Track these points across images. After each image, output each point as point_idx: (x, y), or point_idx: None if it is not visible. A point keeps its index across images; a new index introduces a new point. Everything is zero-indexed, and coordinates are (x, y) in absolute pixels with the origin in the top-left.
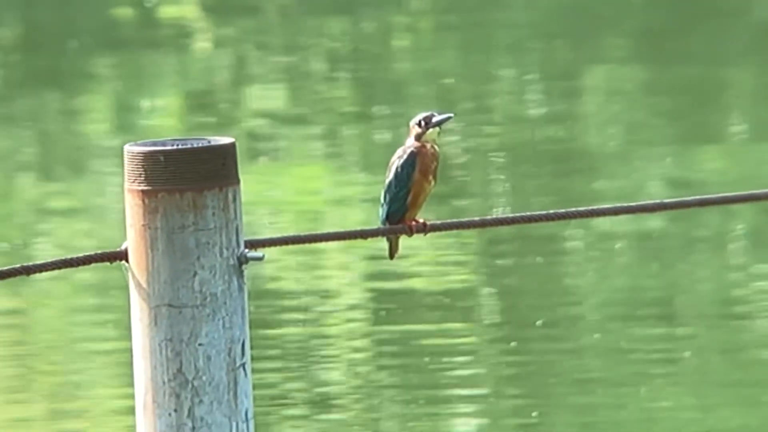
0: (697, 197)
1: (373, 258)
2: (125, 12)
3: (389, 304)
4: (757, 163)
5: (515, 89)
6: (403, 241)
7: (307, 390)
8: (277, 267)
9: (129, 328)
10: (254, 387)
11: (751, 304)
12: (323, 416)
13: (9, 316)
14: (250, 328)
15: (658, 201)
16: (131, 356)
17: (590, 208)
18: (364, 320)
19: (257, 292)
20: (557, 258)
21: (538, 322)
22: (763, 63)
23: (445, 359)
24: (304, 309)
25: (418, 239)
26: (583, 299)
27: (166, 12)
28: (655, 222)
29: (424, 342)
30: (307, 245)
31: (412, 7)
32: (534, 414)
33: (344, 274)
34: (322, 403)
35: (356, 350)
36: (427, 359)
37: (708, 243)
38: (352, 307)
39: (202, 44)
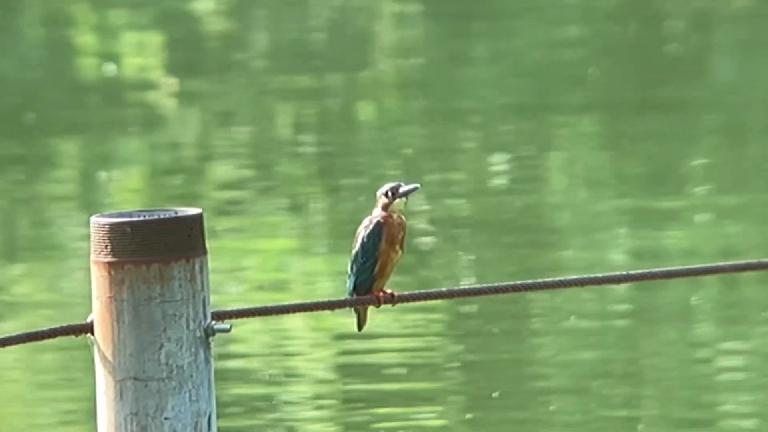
0: (663, 269)
1: (340, 329)
2: (86, 78)
3: (355, 377)
4: (721, 233)
5: (479, 161)
6: (371, 311)
7: None
8: (243, 338)
9: (94, 402)
10: None
11: (715, 377)
12: None
13: None
14: (216, 401)
15: (624, 272)
16: (96, 430)
17: (557, 279)
18: (329, 393)
19: (222, 364)
20: (522, 329)
21: (495, 394)
22: (724, 129)
23: (407, 428)
24: (269, 382)
25: (386, 310)
26: (545, 371)
27: (128, 77)
28: (619, 293)
29: (389, 414)
30: (273, 317)
31: (378, 72)
32: None
33: (311, 345)
34: None
35: (321, 424)
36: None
37: (672, 315)
38: (318, 380)
39: (164, 112)
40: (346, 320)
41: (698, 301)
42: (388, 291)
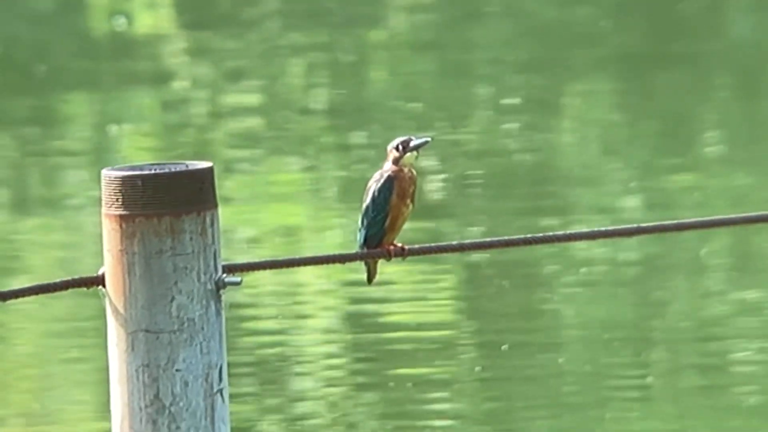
0: (674, 222)
1: (351, 282)
2: (97, 33)
3: (365, 329)
4: (733, 186)
5: (491, 113)
6: (381, 265)
7: (284, 416)
8: (254, 291)
9: (106, 354)
10: (231, 413)
11: (726, 328)
12: None
13: None
14: (228, 353)
15: (635, 225)
16: (108, 382)
17: (568, 232)
18: (340, 345)
19: (234, 317)
20: (532, 282)
21: (504, 347)
22: (738, 84)
23: (416, 382)
24: (281, 334)
25: (396, 263)
26: (555, 323)
27: (140, 32)
28: (631, 246)
29: (399, 367)
30: (284, 270)
31: (391, 29)
32: None
33: (321, 298)
34: (300, 430)
35: (332, 376)
36: (392, 384)
37: (683, 267)
38: (329, 332)
39: (176, 66)
40: (357, 273)
41: (709, 253)
42: (399, 244)
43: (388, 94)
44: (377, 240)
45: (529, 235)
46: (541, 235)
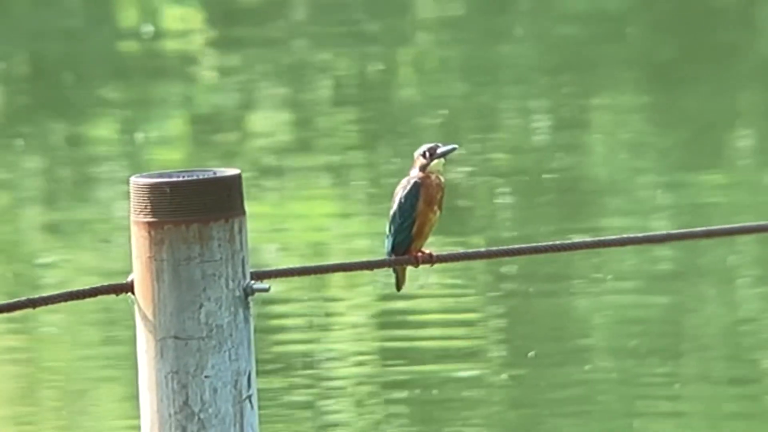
0: (704, 228)
1: (379, 288)
2: (127, 45)
3: (393, 335)
4: (763, 192)
5: (520, 120)
6: (410, 271)
7: (313, 420)
8: (282, 297)
9: (135, 361)
10: (260, 419)
11: (758, 335)
12: None
13: (13, 351)
14: (256, 359)
15: (664, 232)
16: (137, 389)
17: (596, 239)
18: (369, 351)
19: (262, 323)
20: (560, 288)
21: (531, 354)
22: (766, 94)
23: (442, 386)
24: (309, 341)
25: (424, 270)
26: (582, 330)
27: (169, 43)
28: (659, 252)
29: (427, 373)
30: (312, 277)
31: (418, 39)
32: None
33: (349, 305)
34: None
35: (361, 381)
36: (419, 391)
37: (713, 274)
38: (356, 336)
39: (206, 74)
40: (385, 280)
41: (739, 259)
42: (427, 251)
43: (415, 108)
44: (405, 247)
45: (557, 242)
46: (569, 242)
